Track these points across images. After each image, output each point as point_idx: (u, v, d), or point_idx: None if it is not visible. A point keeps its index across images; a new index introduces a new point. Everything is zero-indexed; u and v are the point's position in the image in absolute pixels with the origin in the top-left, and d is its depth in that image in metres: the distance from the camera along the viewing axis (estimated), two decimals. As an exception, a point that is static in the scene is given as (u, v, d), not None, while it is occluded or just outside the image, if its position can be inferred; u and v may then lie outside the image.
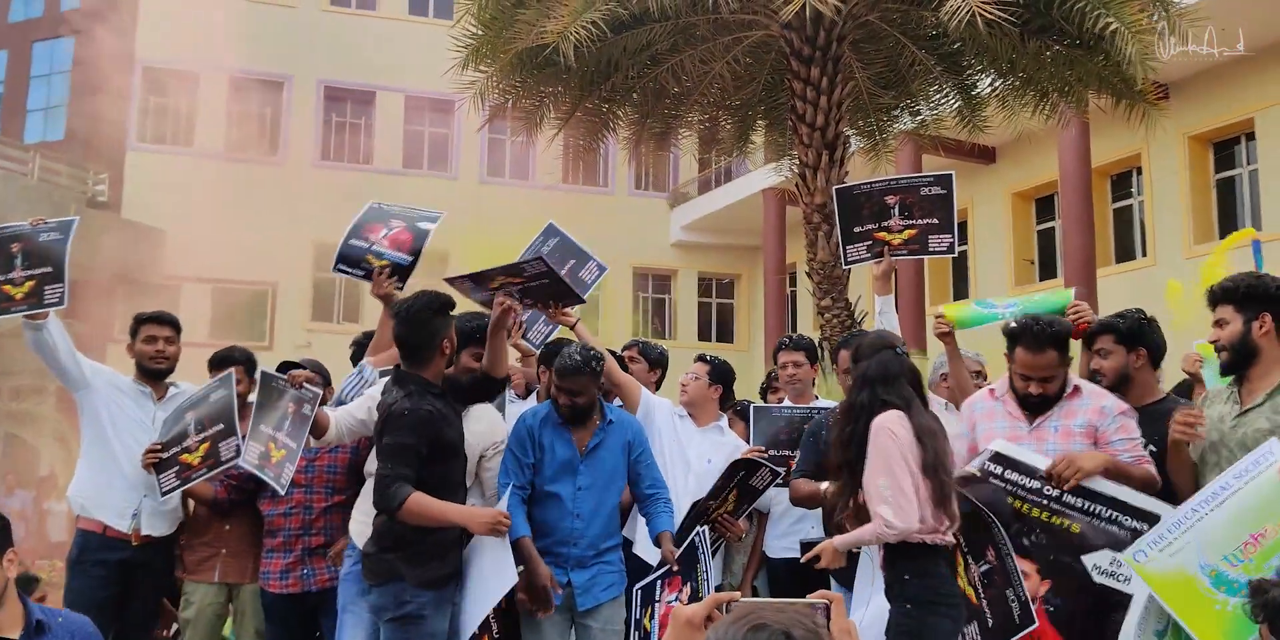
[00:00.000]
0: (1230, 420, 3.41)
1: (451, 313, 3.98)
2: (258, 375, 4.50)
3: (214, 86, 22.75)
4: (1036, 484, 3.56)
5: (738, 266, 26.03)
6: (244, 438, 4.29)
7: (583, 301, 4.69)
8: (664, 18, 8.81)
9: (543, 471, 4.21)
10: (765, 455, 4.80)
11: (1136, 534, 3.35)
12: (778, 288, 21.24)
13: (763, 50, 10.07)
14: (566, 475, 4.21)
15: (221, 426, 4.37)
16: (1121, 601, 3.23)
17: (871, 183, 5.22)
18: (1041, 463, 3.60)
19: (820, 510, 4.58)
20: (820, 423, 4.53)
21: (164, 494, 4.46)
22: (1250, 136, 15.38)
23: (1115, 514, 3.46)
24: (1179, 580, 3.08)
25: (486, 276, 4.18)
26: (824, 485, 4.28)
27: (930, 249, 5.09)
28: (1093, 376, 4.19)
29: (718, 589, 4.88)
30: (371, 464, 4.09)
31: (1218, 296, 3.61)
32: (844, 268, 5.52)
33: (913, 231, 5.07)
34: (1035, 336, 3.80)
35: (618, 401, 4.82)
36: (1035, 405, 3.85)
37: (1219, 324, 3.56)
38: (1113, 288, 15.00)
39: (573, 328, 5.02)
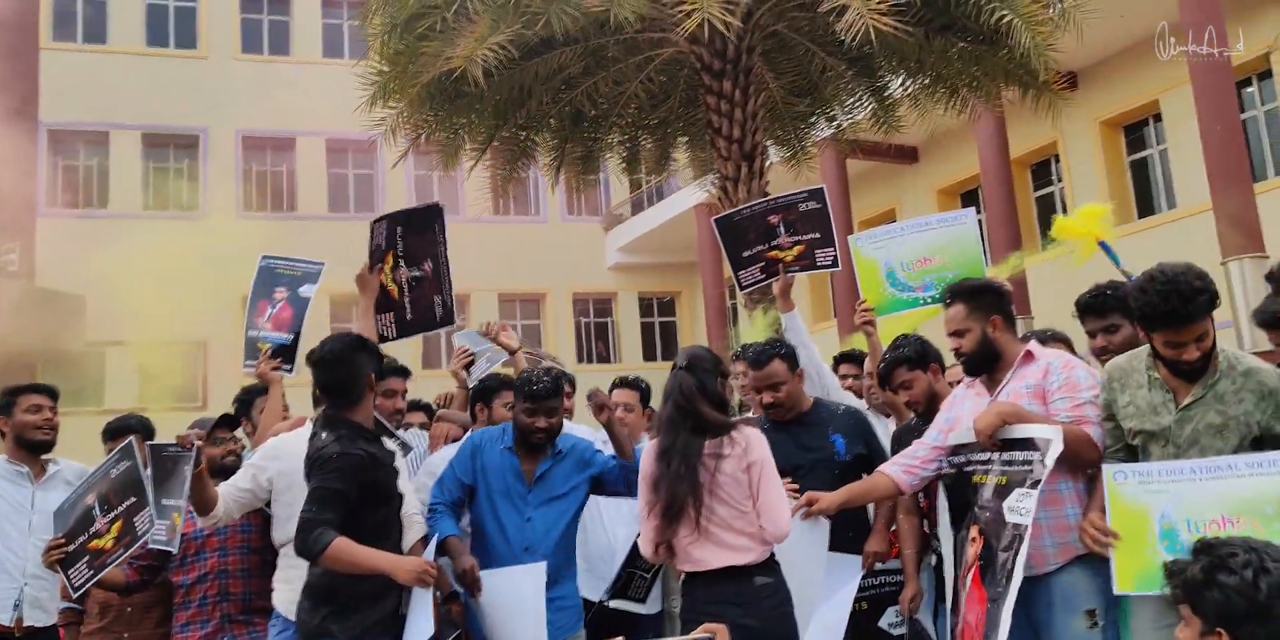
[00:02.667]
0: (1172, 413, 3.22)
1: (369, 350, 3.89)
2: (144, 449, 4.17)
3: (126, 144, 22.38)
4: (983, 454, 3.49)
5: (677, 284, 26.10)
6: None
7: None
8: (572, 41, 8.81)
9: (489, 499, 4.12)
10: None
11: (1036, 466, 3.29)
12: (718, 302, 21.33)
13: (675, 67, 10.11)
14: (514, 505, 4.11)
15: (132, 500, 3.99)
16: (1021, 535, 3.17)
17: (751, 206, 5.27)
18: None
19: None
20: (758, 419, 4.44)
21: (77, 590, 4.05)
22: (1158, 118, 15.77)
23: (1023, 453, 3.36)
24: (1135, 513, 3.14)
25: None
26: None
27: (818, 263, 5.12)
28: (908, 406, 4.32)
29: (661, 614, 4.84)
30: (280, 533, 3.96)
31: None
32: (742, 291, 5.56)
33: (801, 247, 5.10)
34: (948, 291, 3.77)
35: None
36: (971, 368, 3.72)
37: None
38: (1040, 273, 15.20)
39: (513, 354, 4.94)
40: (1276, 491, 2.93)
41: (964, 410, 3.72)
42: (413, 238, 4.76)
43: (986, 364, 3.67)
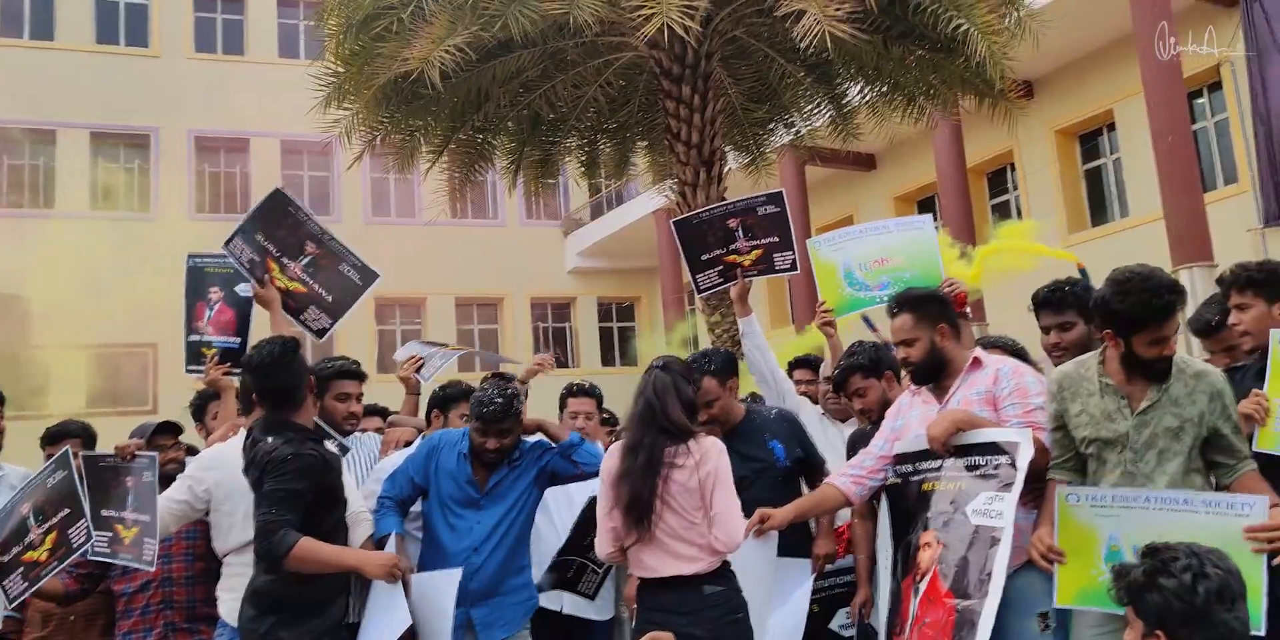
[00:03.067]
0: (1129, 418, 3.23)
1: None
2: (79, 460, 4.08)
3: (74, 143, 21.97)
4: (934, 462, 3.47)
5: (636, 289, 26.06)
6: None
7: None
8: (531, 44, 8.75)
9: (440, 501, 4.10)
10: None
11: (1005, 469, 3.32)
12: (677, 307, 21.32)
13: (634, 72, 10.08)
14: (466, 509, 4.09)
15: (67, 511, 3.90)
16: (998, 537, 3.20)
17: (710, 209, 5.25)
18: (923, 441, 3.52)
19: None
20: None
21: (12, 601, 3.97)
22: (1111, 127, 15.97)
23: (985, 458, 3.36)
24: (1084, 533, 3.19)
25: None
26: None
27: (776, 267, 5.11)
28: (862, 413, 4.36)
29: (613, 621, 4.79)
30: (222, 542, 3.89)
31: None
32: (699, 295, 5.54)
33: (759, 252, 5.10)
34: (894, 302, 3.77)
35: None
36: (920, 377, 3.70)
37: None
38: (996, 279, 15.34)
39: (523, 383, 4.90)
40: (1226, 533, 2.94)
41: (912, 418, 3.71)
42: (277, 232, 4.68)
43: (935, 372, 3.67)
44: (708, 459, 3.53)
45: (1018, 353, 4.24)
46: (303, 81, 10.47)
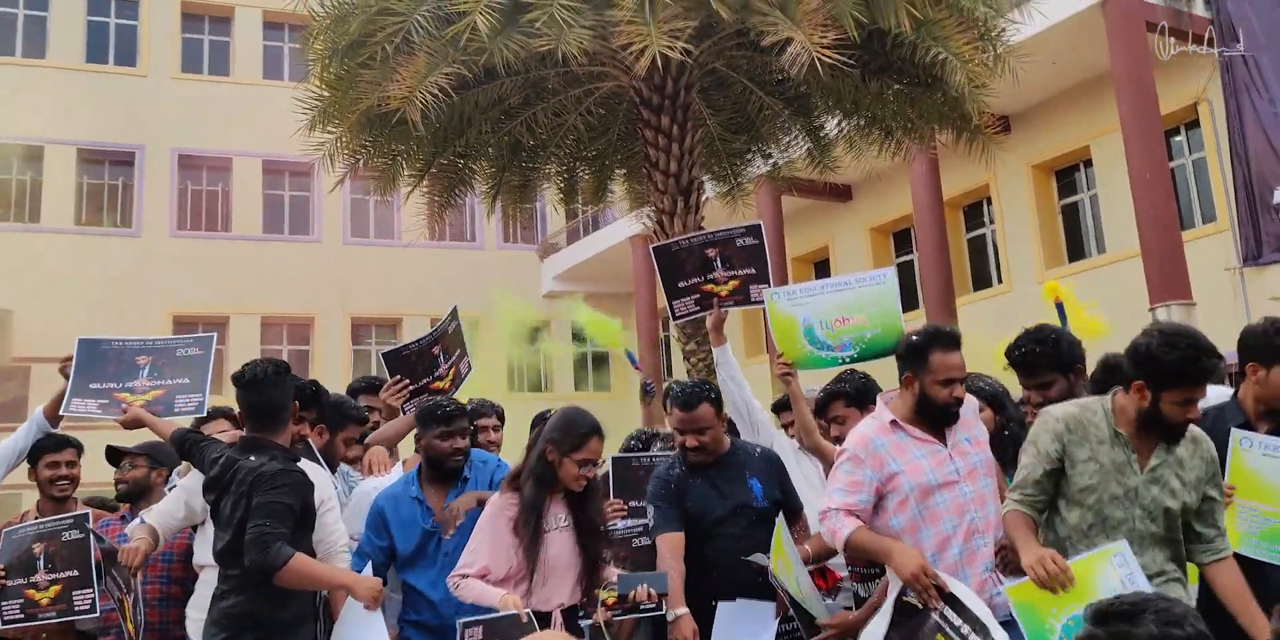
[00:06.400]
0: (1139, 474, 3.15)
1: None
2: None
3: (60, 159, 21.99)
4: (968, 629, 3.22)
5: (611, 314, 25.93)
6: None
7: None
8: (513, 72, 8.84)
9: (406, 545, 4.13)
10: (625, 508, 4.61)
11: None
12: (651, 334, 21.35)
13: (614, 101, 10.18)
14: (430, 544, 4.12)
15: (75, 573, 4.13)
16: None
17: (690, 238, 5.30)
18: (989, 619, 3.22)
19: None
20: (664, 477, 4.22)
21: (5, 625, 4.14)
22: (1088, 163, 16.13)
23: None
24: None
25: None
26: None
27: (752, 299, 5.13)
28: (836, 441, 4.26)
29: None
30: (202, 556, 3.90)
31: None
32: (675, 322, 5.56)
33: (736, 283, 5.14)
34: (953, 339, 3.61)
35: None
36: (956, 413, 3.57)
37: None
38: (972, 314, 15.47)
39: None
40: None
41: (919, 460, 3.50)
42: (106, 370, 4.64)
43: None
44: None
45: (996, 397, 4.11)
46: (286, 103, 10.52)
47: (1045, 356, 3.80)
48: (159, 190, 22.65)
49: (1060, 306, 5.14)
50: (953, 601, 3.25)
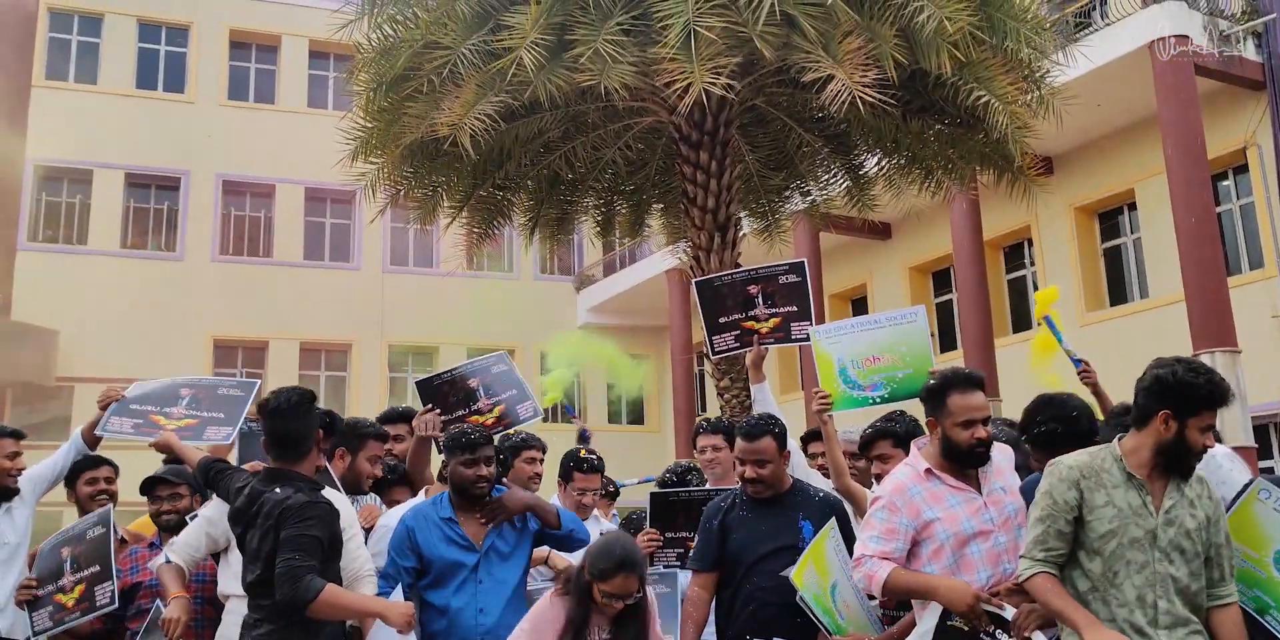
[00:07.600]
0: (1155, 516, 3.11)
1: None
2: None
3: (109, 183, 22.38)
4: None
5: (646, 348, 26.00)
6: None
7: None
8: (554, 106, 8.88)
9: (436, 574, 4.11)
10: (661, 539, 4.69)
11: None
12: (685, 368, 21.28)
13: (653, 136, 10.20)
14: (465, 572, 4.11)
15: (98, 568, 4.24)
16: None
17: (732, 274, 5.34)
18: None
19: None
20: (715, 508, 4.28)
21: (36, 635, 4.25)
22: (1132, 206, 15.97)
23: None
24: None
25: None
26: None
27: (793, 337, 5.13)
28: (878, 479, 4.19)
29: None
30: (227, 586, 3.88)
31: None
32: (713, 357, 5.53)
33: (777, 320, 5.12)
34: (971, 380, 3.61)
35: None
36: (982, 455, 3.56)
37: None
38: (1010, 357, 15.27)
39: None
40: None
41: (955, 508, 3.49)
42: (151, 396, 4.73)
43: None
44: None
45: (1015, 442, 4.07)
46: (329, 131, 10.62)
47: (1067, 435, 3.71)
48: (203, 215, 22.96)
49: (1049, 320, 5.09)
50: (1000, 623, 3.28)
